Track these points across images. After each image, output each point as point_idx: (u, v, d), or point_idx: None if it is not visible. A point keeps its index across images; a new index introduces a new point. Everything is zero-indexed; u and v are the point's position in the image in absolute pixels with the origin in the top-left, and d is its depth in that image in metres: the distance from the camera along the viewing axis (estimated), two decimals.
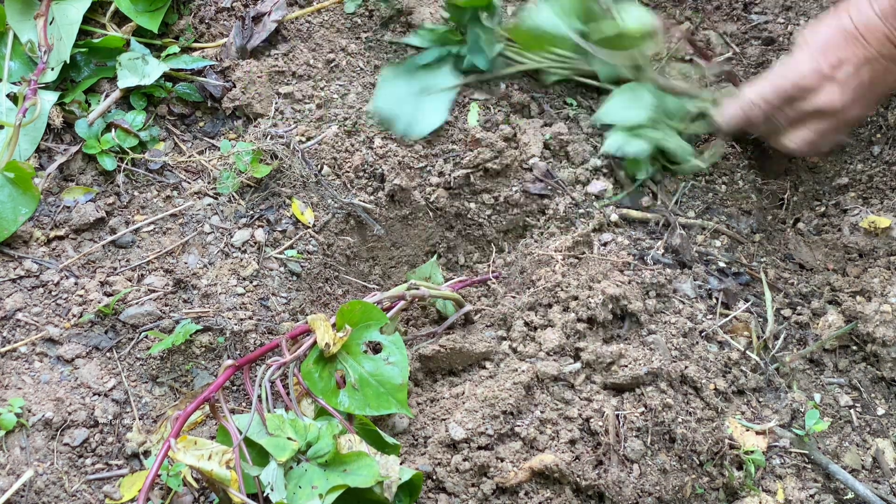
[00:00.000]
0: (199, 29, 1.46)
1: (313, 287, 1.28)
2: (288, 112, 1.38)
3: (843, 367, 1.28)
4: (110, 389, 1.12)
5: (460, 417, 1.08)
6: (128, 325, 1.17)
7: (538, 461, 1.03)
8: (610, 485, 1.04)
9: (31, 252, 1.23)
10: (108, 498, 1.05)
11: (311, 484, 0.94)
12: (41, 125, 1.31)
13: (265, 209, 1.30)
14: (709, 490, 1.10)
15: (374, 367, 1.07)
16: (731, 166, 1.45)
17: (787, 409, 1.22)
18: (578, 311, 1.19)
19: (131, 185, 1.32)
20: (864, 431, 1.23)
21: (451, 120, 1.41)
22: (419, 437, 1.09)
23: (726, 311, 1.29)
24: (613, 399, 1.11)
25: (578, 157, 1.41)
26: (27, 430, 1.07)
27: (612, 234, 1.34)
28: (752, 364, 1.24)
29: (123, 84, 1.35)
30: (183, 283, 1.20)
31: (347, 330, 1.06)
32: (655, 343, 1.18)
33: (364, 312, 1.08)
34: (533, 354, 1.16)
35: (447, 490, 1.03)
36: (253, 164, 1.30)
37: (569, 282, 1.23)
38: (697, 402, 1.14)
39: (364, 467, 0.95)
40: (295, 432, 0.97)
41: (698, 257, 1.34)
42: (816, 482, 1.16)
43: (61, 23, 1.37)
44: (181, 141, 1.37)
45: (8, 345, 1.14)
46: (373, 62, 1.47)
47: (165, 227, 1.27)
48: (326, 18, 1.50)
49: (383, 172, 1.35)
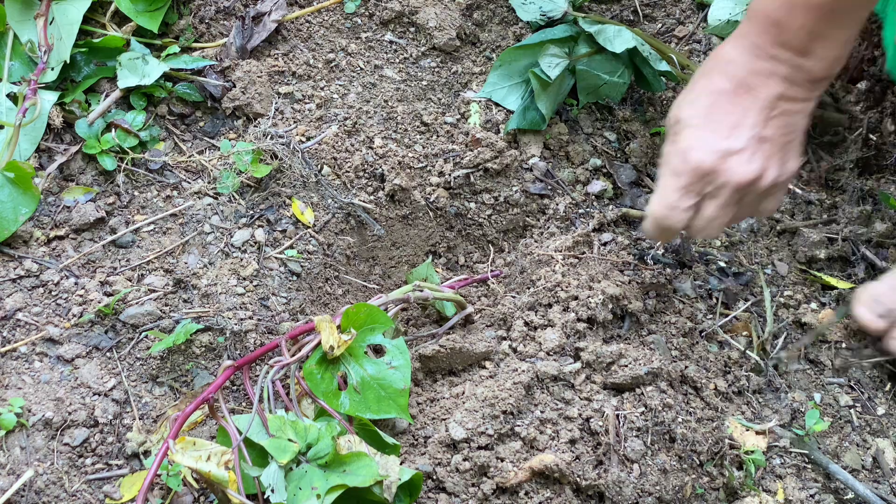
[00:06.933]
0: (199, 29, 1.46)
1: (313, 287, 1.28)
2: (288, 112, 1.38)
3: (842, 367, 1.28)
4: (110, 389, 1.12)
5: (460, 417, 1.08)
6: (128, 325, 1.17)
7: (538, 461, 1.03)
8: (610, 485, 1.04)
9: (31, 252, 1.23)
10: (108, 498, 1.05)
11: (311, 485, 0.94)
12: (41, 125, 1.31)
13: (265, 209, 1.30)
14: (709, 490, 1.10)
15: (377, 370, 1.07)
16: None
17: (787, 409, 1.22)
18: (578, 311, 1.19)
19: (131, 184, 1.32)
20: (864, 431, 1.23)
21: (451, 120, 1.42)
22: (419, 437, 1.09)
23: (726, 311, 1.29)
24: (613, 399, 1.11)
25: (578, 157, 1.41)
26: (27, 430, 1.07)
27: (612, 233, 1.34)
28: (752, 364, 1.24)
29: (123, 84, 1.35)
30: (183, 282, 1.20)
31: (353, 333, 1.06)
32: (655, 343, 1.18)
33: (369, 315, 1.08)
34: (533, 354, 1.16)
35: (447, 490, 1.03)
36: (253, 164, 1.30)
37: (569, 281, 1.23)
38: (697, 401, 1.14)
39: (363, 467, 0.95)
40: (296, 434, 0.97)
41: (698, 257, 1.34)
42: (816, 482, 1.16)
43: (61, 23, 1.37)
44: (181, 141, 1.37)
45: (8, 345, 1.14)
46: (373, 62, 1.47)
47: (165, 227, 1.27)
48: (326, 18, 1.50)
49: (383, 172, 1.35)
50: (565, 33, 1.43)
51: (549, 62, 1.40)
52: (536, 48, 1.43)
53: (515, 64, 1.45)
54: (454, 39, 1.49)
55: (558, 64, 1.39)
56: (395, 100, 1.44)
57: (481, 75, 1.49)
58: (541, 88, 1.38)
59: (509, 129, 1.41)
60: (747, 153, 1.04)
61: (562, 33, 1.44)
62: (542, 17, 1.50)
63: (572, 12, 1.47)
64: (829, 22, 1.00)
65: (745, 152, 1.04)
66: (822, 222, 1.40)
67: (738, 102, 1.04)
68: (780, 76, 1.04)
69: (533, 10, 1.51)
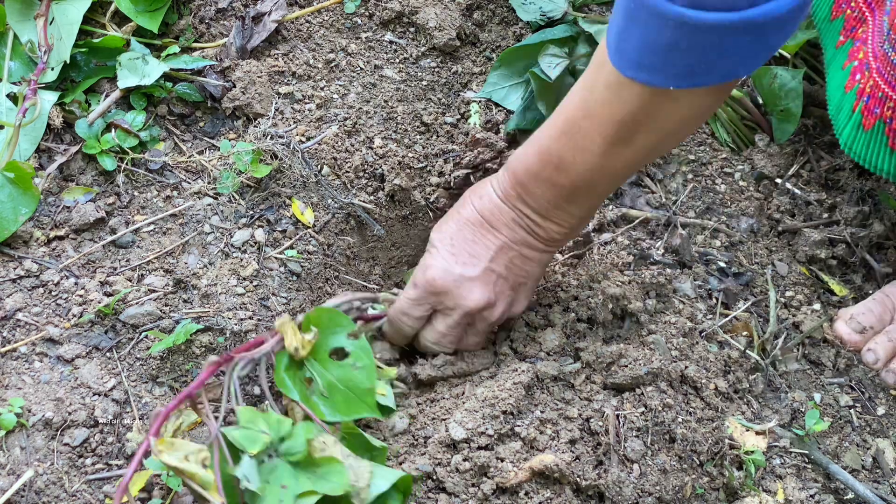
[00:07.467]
0: (199, 29, 1.46)
1: (313, 287, 1.28)
2: (288, 112, 1.38)
3: (842, 367, 1.28)
4: (110, 389, 1.12)
5: (460, 417, 1.08)
6: (128, 325, 1.17)
7: (538, 461, 1.03)
8: (610, 485, 1.04)
9: (31, 252, 1.23)
10: (108, 498, 1.05)
11: (280, 482, 0.92)
12: (41, 125, 1.31)
13: (265, 209, 1.30)
14: (709, 490, 1.10)
15: (342, 373, 1.05)
16: (732, 166, 1.45)
17: (787, 409, 1.22)
18: (578, 311, 1.19)
19: (131, 185, 1.32)
20: (864, 431, 1.23)
21: (451, 120, 1.42)
22: (419, 437, 1.09)
23: (726, 311, 1.29)
24: (613, 399, 1.11)
25: None
26: (27, 430, 1.07)
27: (611, 234, 1.34)
28: (753, 364, 1.24)
29: (123, 84, 1.35)
30: (183, 283, 1.20)
31: (315, 332, 1.04)
32: (655, 343, 1.18)
33: (330, 318, 1.07)
34: (533, 354, 1.16)
35: (447, 490, 1.03)
36: (253, 164, 1.30)
37: (569, 282, 1.23)
38: (697, 402, 1.14)
39: (335, 473, 0.93)
40: (268, 425, 0.95)
41: (698, 257, 1.34)
42: (816, 482, 1.16)
43: (61, 23, 1.37)
44: (181, 141, 1.37)
45: (8, 345, 1.14)
46: (373, 62, 1.47)
47: (165, 227, 1.27)
48: (326, 18, 1.50)
49: (383, 172, 1.35)
50: (565, 33, 1.43)
51: (549, 62, 1.40)
52: (536, 48, 1.43)
53: (515, 64, 1.45)
54: (454, 39, 1.49)
55: (558, 64, 1.39)
56: (395, 100, 1.44)
57: (481, 75, 1.49)
58: (541, 88, 1.38)
59: (509, 130, 1.41)
60: (479, 283, 1.11)
61: (562, 33, 1.44)
62: (542, 17, 1.50)
63: (572, 12, 1.48)
64: (567, 199, 1.08)
65: (477, 281, 1.11)
66: (822, 223, 1.40)
67: (482, 235, 1.11)
68: (522, 227, 1.11)
69: (533, 10, 1.51)
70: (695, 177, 1.43)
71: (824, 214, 1.41)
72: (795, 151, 1.47)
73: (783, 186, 1.44)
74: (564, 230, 1.11)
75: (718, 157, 1.46)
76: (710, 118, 1.45)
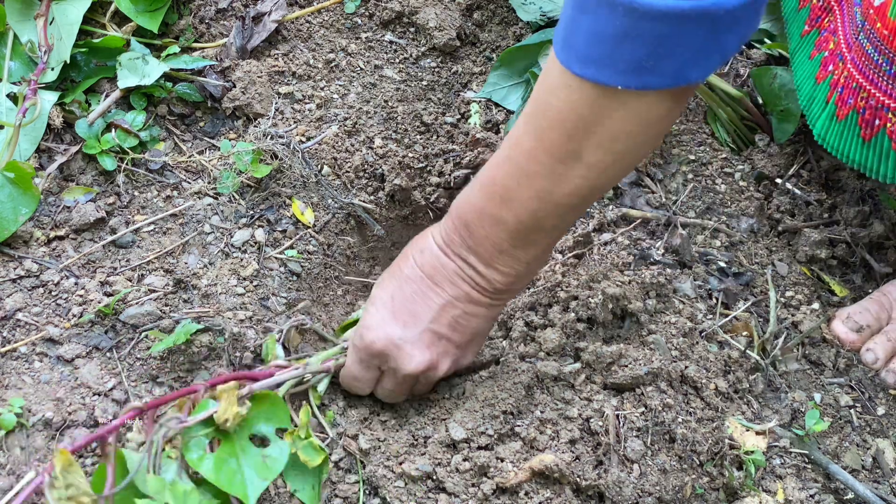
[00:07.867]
0: (199, 29, 1.46)
1: (313, 287, 1.28)
2: (288, 112, 1.38)
3: (842, 367, 1.28)
4: (110, 389, 1.12)
5: (460, 417, 1.08)
6: (128, 325, 1.17)
7: (538, 461, 1.03)
8: (610, 485, 1.04)
9: (31, 252, 1.23)
10: None
11: None
12: (41, 125, 1.31)
13: (265, 209, 1.30)
14: (709, 490, 1.10)
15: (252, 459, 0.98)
16: (732, 166, 1.45)
17: (787, 409, 1.22)
18: (578, 311, 1.19)
19: (131, 185, 1.32)
20: (864, 431, 1.23)
21: (451, 120, 1.42)
22: (419, 437, 1.09)
23: (726, 311, 1.29)
24: (613, 399, 1.11)
25: None
26: (27, 430, 1.07)
27: (611, 233, 1.34)
28: (753, 364, 1.24)
29: (123, 84, 1.35)
30: (183, 283, 1.20)
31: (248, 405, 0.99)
32: (655, 343, 1.18)
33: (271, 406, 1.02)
34: (533, 354, 1.16)
35: (447, 490, 1.03)
36: (253, 164, 1.30)
37: (569, 282, 1.23)
38: (697, 402, 1.14)
39: None
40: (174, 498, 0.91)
41: (698, 257, 1.34)
42: (816, 482, 1.16)
43: (61, 23, 1.37)
44: (181, 141, 1.37)
45: (8, 345, 1.14)
46: (373, 62, 1.47)
47: (165, 227, 1.27)
48: (326, 18, 1.50)
49: (383, 172, 1.35)
50: None
51: None
52: (536, 48, 1.43)
53: (515, 64, 1.45)
54: (454, 39, 1.49)
55: None
56: (395, 100, 1.44)
57: (481, 75, 1.49)
58: None
59: (509, 130, 1.41)
60: (420, 345, 1.05)
61: None
62: (542, 17, 1.50)
63: None
64: (512, 240, 1.01)
65: (418, 343, 1.05)
66: (822, 223, 1.40)
67: (422, 293, 1.05)
68: (465, 279, 1.04)
69: (533, 11, 1.51)
70: (695, 177, 1.43)
71: (824, 214, 1.41)
72: (795, 151, 1.47)
73: (783, 186, 1.44)
74: (509, 279, 1.04)
75: (718, 157, 1.46)
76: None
